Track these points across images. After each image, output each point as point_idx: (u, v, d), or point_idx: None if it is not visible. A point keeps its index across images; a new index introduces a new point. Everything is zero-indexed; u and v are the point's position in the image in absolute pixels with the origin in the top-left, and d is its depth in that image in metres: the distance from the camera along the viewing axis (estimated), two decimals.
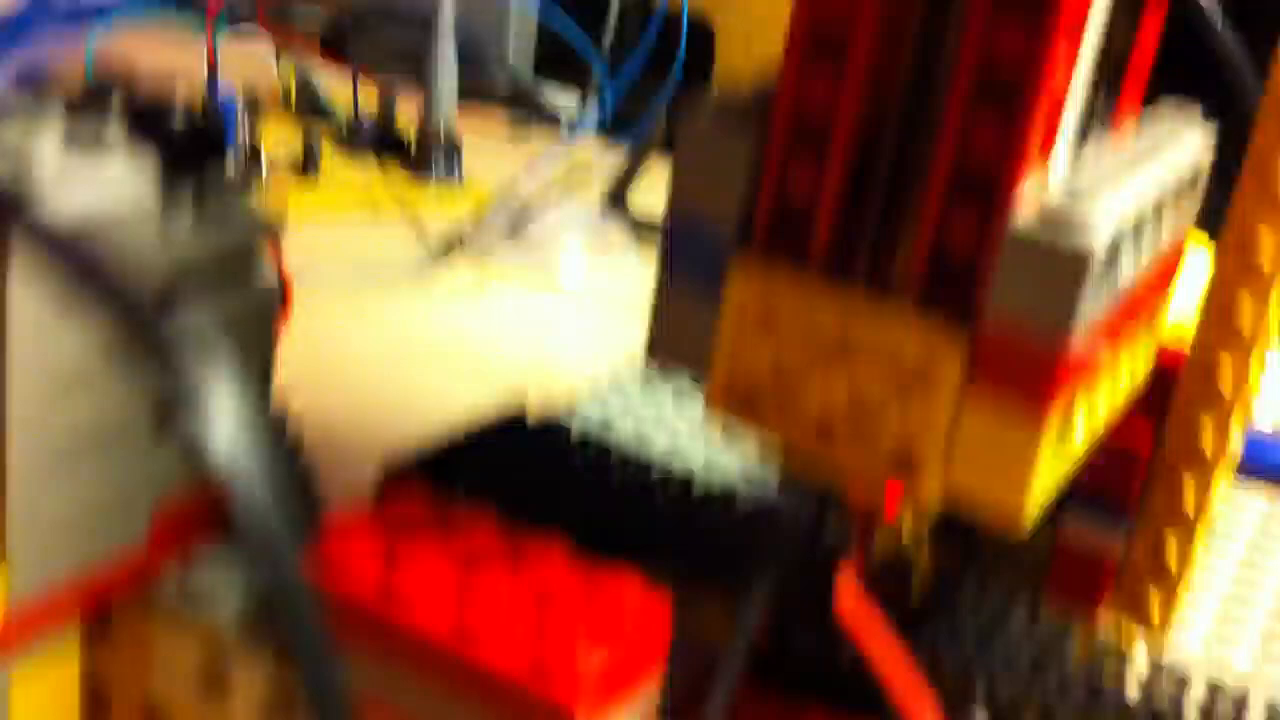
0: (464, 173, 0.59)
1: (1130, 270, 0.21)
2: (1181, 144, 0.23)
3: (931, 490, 0.20)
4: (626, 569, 0.21)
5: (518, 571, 0.21)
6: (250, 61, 0.61)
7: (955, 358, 0.20)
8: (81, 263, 0.16)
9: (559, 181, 0.55)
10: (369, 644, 0.21)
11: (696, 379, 0.22)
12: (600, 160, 0.60)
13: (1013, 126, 0.19)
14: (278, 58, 0.62)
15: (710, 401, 0.22)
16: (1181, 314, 0.27)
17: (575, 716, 0.19)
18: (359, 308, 0.48)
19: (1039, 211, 0.19)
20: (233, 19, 0.61)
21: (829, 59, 0.20)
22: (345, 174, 0.58)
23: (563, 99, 0.73)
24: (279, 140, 0.58)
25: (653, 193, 0.59)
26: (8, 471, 0.20)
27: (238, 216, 0.23)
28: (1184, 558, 0.27)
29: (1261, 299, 0.26)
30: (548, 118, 0.69)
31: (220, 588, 0.21)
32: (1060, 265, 0.19)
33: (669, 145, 0.66)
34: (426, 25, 0.65)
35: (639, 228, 0.56)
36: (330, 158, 0.58)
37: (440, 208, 0.56)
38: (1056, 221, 0.19)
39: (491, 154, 0.62)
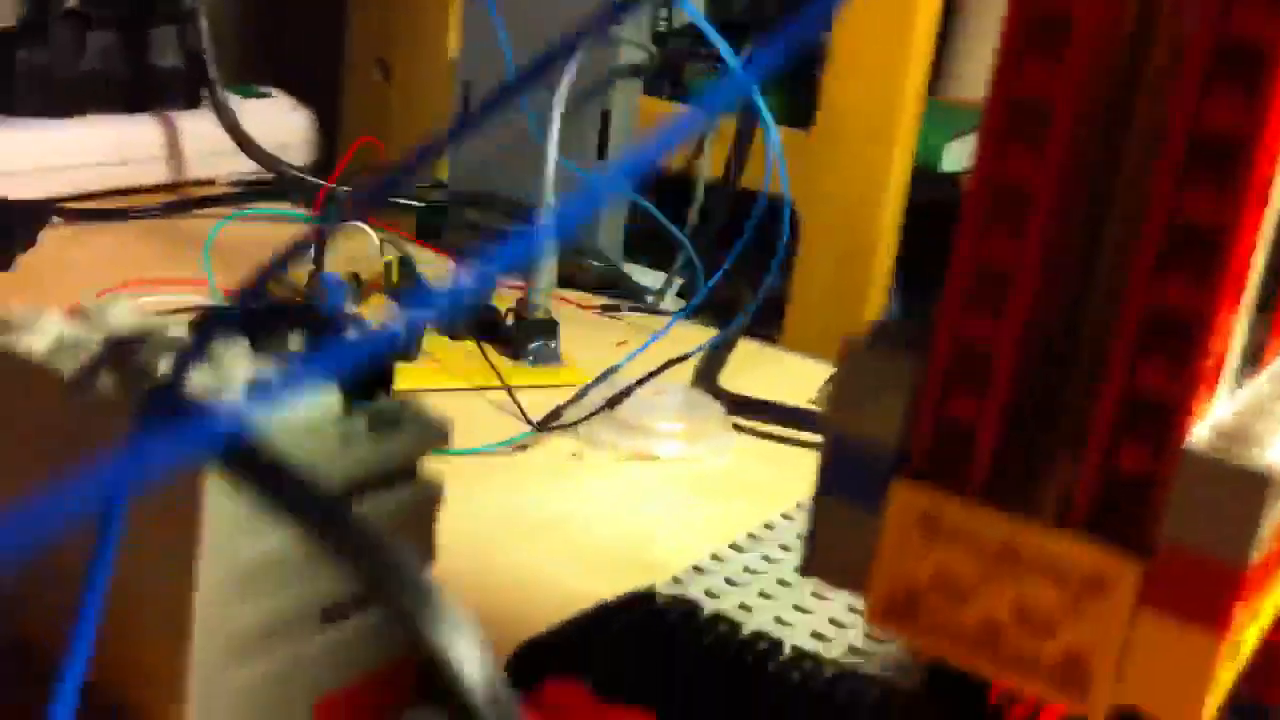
0: (560, 354, 0.60)
1: None
2: None
3: (1100, 705, 0.20)
4: None
5: None
6: (353, 249, 0.64)
7: (1128, 580, 0.20)
8: (285, 478, 0.17)
9: (653, 361, 0.56)
10: None
11: (856, 594, 0.22)
12: (691, 343, 0.62)
13: (1187, 364, 0.20)
14: (379, 246, 0.64)
15: (871, 615, 0.22)
16: None
17: None
18: (459, 479, 0.49)
19: (1214, 433, 0.20)
20: (337, 212, 0.63)
21: (990, 296, 0.21)
22: (445, 354, 0.59)
23: (650, 279, 0.75)
24: (381, 322, 0.60)
25: (741, 373, 0.60)
26: (192, 666, 0.20)
27: (408, 423, 0.24)
28: None
29: None
30: (638, 300, 0.71)
31: None
32: (1241, 485, 0.19)
33: (757, 330, 0.67)
34: (519, 210, 0.67)
35: (732, 404, 0.57)
36: (430, 339, 0.60)
37: (538, 386, 0.58)
38: (1234, 441, 0.20)
39: (585, 336, 0.64)
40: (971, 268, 0.21)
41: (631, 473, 0.52)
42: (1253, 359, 0.23)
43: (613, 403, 0.53)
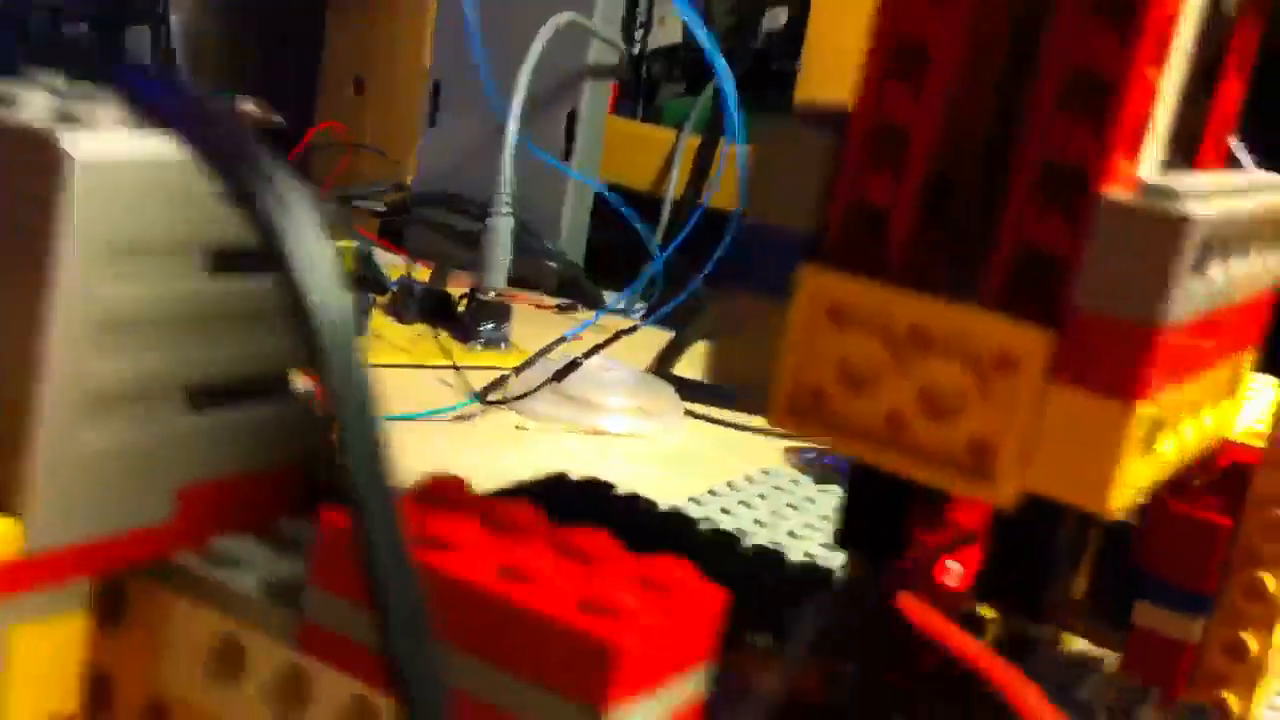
0: (511, 340, 0.59)
1: (1223, 283, 0.20)
2: (1271, 182, 0.23)
3: (1008, 491, 0.19)
4: (680, 559, 0.19)
5: (563, 544, 0.19)
6: None
7: (1037, 353, 0.19)
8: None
9: (604, 346, 0.55)
10: None
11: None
12: (647, 339, 0.60)
13: (1104, 122, 0.19)
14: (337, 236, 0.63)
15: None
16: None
17: (620, 656, 0.17)
18: (402, 445, 0.47)
19: (1135, 189, 0.19)
20: None
21: (910, 69, 0.20)
22: (393, 334, 0.58)
23: (610, 298, 0.74)
24: None
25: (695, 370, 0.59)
26: (40, 417, 0.19)
27: None
28: (1264, 650, 0.25)
29: None
30: (595, 304, 0.70)
31: (244, 558, 0.20)
32: (1158, 232, 0.18)
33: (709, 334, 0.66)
34: (480, 211, 0.66)
35: (684, 388, 0.56)
36: (380, 320, 0.59)
37: (485, 367, 0.57)
38: (1155, 194, 0.19)
39: (538, 333, 0.63)
40: (890, 40, 0.20)
41: (578, 443, 0.51)
42: (1185, 149, 0.22)
43: (559, 375, 0.52)
